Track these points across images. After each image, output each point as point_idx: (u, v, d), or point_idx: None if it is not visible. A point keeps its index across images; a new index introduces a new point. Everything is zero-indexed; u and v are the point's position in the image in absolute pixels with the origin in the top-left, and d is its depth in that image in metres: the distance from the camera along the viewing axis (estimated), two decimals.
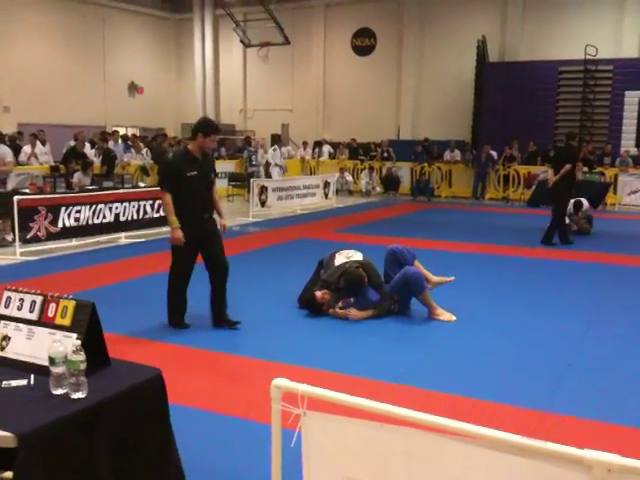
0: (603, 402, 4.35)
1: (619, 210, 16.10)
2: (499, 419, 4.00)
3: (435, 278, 6.65)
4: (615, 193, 17.50)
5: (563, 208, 10.80)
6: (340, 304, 6.33)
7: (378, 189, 20.07)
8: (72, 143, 14.88)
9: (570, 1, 21.12)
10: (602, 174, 17.37)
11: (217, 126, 6.09)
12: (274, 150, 17.88)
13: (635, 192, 17.54)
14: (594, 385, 4.68)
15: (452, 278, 6.72)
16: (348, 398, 2.03)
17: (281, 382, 2.12)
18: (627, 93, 19.70)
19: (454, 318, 6.22)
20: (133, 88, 26.39)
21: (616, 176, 17.86)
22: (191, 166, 5.68)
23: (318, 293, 6.37)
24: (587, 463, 1.64)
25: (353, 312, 6.26)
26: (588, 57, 19.91)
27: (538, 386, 4.63)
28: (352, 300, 6.34)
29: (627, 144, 19.53)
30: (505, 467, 1.76)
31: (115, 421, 2.47)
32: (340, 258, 6.62)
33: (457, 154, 20.15)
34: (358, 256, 6.65)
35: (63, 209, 9.75)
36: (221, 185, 18.40)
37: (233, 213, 14.98)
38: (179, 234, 5.63)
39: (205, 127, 5.74)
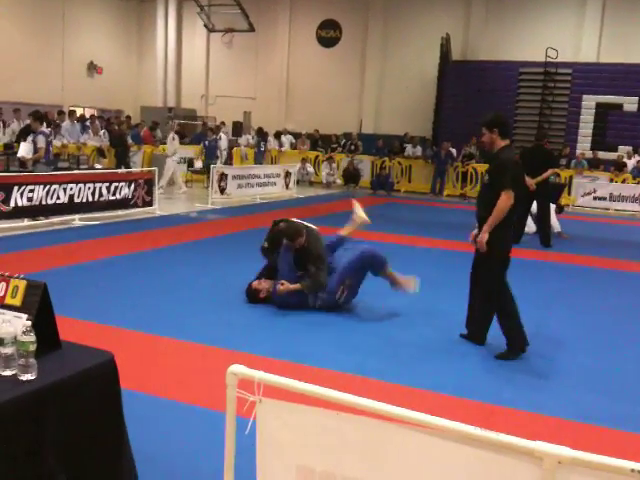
0: (554, 397, 4.45)
1: (572, 211, 16.45)
2: (452, 411, 4.04)
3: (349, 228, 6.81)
4: (569, 194, 17.87)
5: (547, 209, 10.98)
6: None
7: (339, 181, 20.08)
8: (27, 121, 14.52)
9: (532, 3, 21.46)
10: (557, 175, 17.70)
11: None
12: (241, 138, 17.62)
13: (589, 194, 17.97)
14: (544, 380, 4.78)
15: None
16: (304, 386, 2.02)
17: (237, 369, 2.09)
18: (584, 97, 20.17)
19: (418, 280, 6.31)
20: (92, 68, 25.81)
21: (571, 178, 18.27)
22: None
23: (254, 283, 6.34)
24: (538, 455, 1.66)
25: (281, 286, 6.08)
26: (548, 59, 20.28)
27: (489, 379, 4.71)
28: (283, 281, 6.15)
29: (583, 147, 20.02)
30: (458, 457, 1.78)
31: (65, 405, 2.41)
32: None
33: (419, 150, 20.32)
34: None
35: (16, 188, 9.48)
36: (180, 171, 18.18)
37: (192, 199, 14.83)
38: None
39: None
